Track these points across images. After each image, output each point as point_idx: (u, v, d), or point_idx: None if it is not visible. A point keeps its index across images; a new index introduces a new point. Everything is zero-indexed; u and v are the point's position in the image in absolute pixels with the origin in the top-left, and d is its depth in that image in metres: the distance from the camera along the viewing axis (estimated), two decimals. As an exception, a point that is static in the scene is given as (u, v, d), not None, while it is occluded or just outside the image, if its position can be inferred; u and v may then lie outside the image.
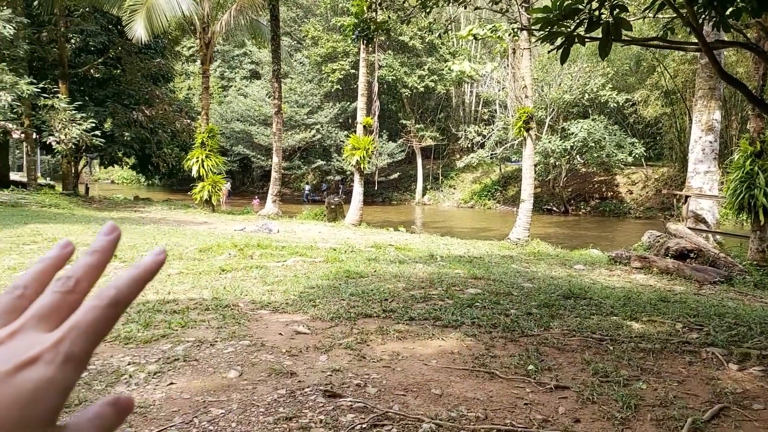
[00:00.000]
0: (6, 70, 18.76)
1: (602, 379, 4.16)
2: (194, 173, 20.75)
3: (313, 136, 39.18)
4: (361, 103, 17.68)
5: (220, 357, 4.36)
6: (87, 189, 30.90)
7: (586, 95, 32.57)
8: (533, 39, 15.14)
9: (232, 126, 40.05)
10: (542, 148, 30.27)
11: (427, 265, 8.99)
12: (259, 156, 40.92)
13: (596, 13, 4.42)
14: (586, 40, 4.65)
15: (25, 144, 23.92)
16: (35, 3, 21.93)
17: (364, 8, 6.72)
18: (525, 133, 16.21)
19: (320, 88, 40.66)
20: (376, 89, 22.39)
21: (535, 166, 18.75)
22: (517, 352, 4.72)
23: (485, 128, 37.85)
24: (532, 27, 4.81)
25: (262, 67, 43.97)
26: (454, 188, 41.91)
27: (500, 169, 39.52)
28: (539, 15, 4.57)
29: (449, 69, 36.16)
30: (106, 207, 21.37)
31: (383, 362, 4.41)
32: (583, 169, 33.86)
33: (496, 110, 40.57)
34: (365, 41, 6.20)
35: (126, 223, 13.93)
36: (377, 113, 21.83)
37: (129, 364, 4.13)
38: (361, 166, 17.63)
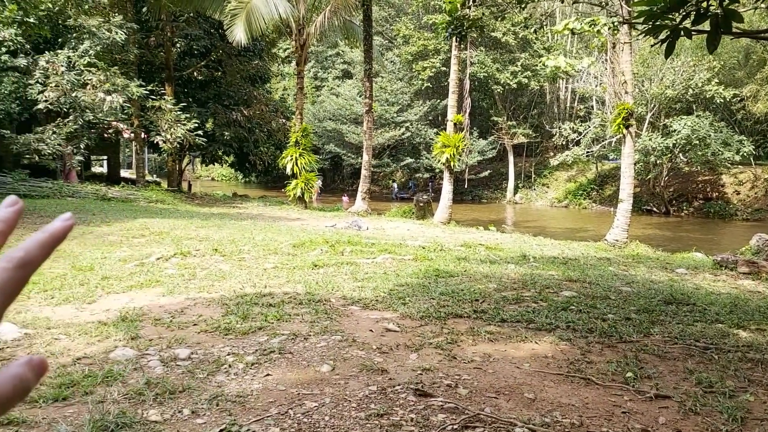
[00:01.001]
0: (118, 74, 20.08)
1: (706, 390, 3.92)
2: (288, 171, 21.39)
3: (403, 134, 39.38)
4: (451, 100, 17.57)
5: (314, 351, 4.46)
6: (190, 186, 32.61)
7: (690, 90, 30.77)
8: (635, 33, 14.49)
9: (324, 125, 40.96)
10: (642, 146, 28.90)
11: (519, 266, 8.81)
12: (349, 154, 41.60)
13: (704, 4, 4.15)
14: (693, 33, 4.38)
15: (134, 143, 25.53)
16: (144, 9, 23.32)
17: (458, 5, 6.66)
18: (624, 130, 15.54)
19: (410, 86, 40.79)
20: (467, 86, 22.22)
21: (635, 164, 17.92)
22: (614, 359, 4.53)
23: (581, 125, 36.62)
24: (634, 20, 4.59)
25: (353, 67, 44.65)
26: (548, 187, 40.87)
27: (597, 168, 38.14)
28: (642, 8, 4.35)
29: (543, 65, 35.14)
30: (207, 203, 22.43)
31: (474, 363, 4.36)
32: (686, 168, 32.03)
33: (592, 106, 39.12)
34: (458, 38, 6.15)
35: (225, 218, 14.55)
36: (468, 110, 21.62)
37: (228, 355, 4.30)
38: (451, 164, 17.53)
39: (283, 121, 29.05)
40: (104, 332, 4.68)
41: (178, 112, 22.28)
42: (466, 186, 38.77)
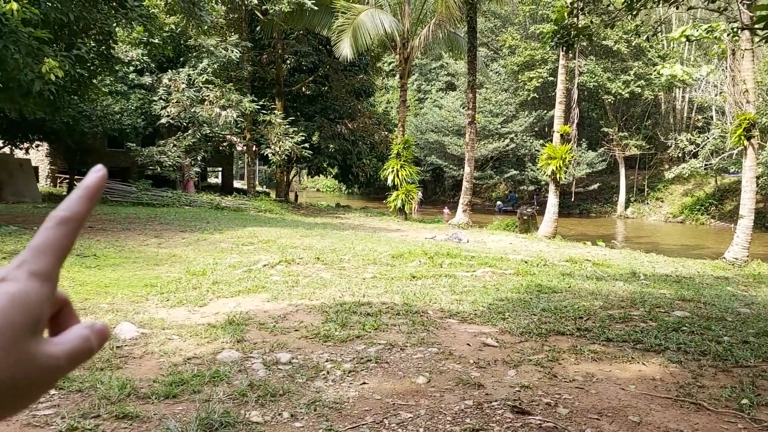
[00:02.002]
0: (233, 90, 21.27)
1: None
2: (389, 182, 21.67)
3: (507, 145, 38.82)
4: (558, 111, 17.12)
5: (410, 362, 4.46)
6: (296, 196, 33.82)
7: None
8: (756, 39, 13.45)
9: (426, 137, 41.16)
10: (766, 159, 26.77)
11: (628, 284, 8.39)
12: (451, 166, 41.52)
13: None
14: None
15: (246, 155, 26.88)
16: (258, 28, 24.55)
17: (565, 14, 6.47)
18: (746, 142, 14.47)
19: (516, 97, 40.18)
20: (575, 96, 21.57)
21: (757, 178, 16.62)
22: (728, 384, 4.20)
23: (699, 136, 34.55)
24: (755, 26, 4.27)
25: (457, 79, 44.60)
26: (662, 201, 38.78)
27: (716, 181, 35.74)
28: (763, 12, 4.04)
29: (658, 73, 33.48)
30: (312, 213, 23.16)
31: (576, 383, 4.19)
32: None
33: (711, 117, 36.76)
34: (565, 48, 5.99)
35: (328, 228, 14.94)
36: (576, 121, 20.98)
37: (327, 361, 4.39)
38: (557, 176, 17.04)
39: (386, 133, 29.52)
40: (213, 334, 4.93)
41: (287, 126, 23.26)
42: (573, 199, 37.56)
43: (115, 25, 11.93)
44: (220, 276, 7.30)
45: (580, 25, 6.91)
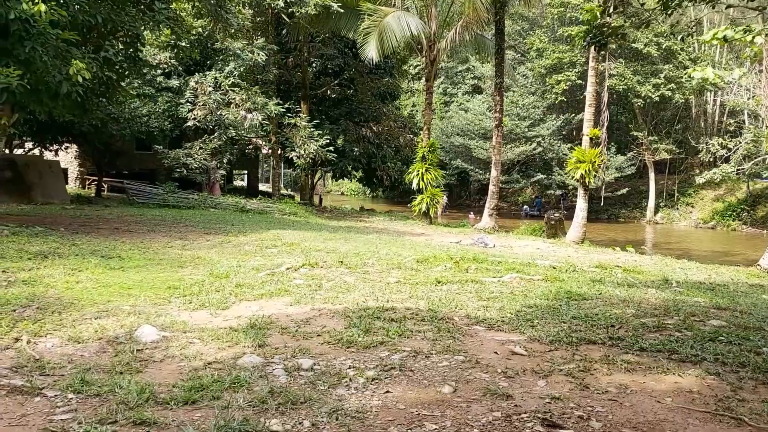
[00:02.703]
0: (258, 93, 21.35)
1: None
2: (414, 186, 21.53)
3: (534, 149, 38.43)
4: (588, 114, 16.80)
5: (435, 370, 4.32)
6: (320, 199, 33.87)
7: None
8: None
9: (452, 140, 40.94)
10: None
11: (660, 291, 8.13)
12: (477, 169, 41.21)
13: None
14: None
15: (271, 158, 26.95)
16: (284, 31, 24.64)
17: (597, 13, 6.27)
18: (782, 146, 14.06)
19: (543, 100, 39.77)
20: (605, 99, 21.19)
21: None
22: (772, 398, 3.98)
23: (731, 140, 33.78)
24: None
25: (483, 82, 44.35)
26: (692, 206, 38.05)
27: (748, 187, 34.93)
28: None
29: (689, 76, 32.81)
30: (336, 216, 23.13)
31: (609, 395, 4.00)
32: None
33: (744, 121, 35.94)
34: (597, 48, 5.79)
35: (352, 231, 14.86)
36: (605, 124, 20.60)
37: (349, 368, 4.27)
38: (586, 180, 16.71)
39: (411, 136, 29.41)
40: (234, 338, 4.84)
41: (312, 129, 23.28)
42: (601, 204, 37.02)
43: (142, 27, 12.01)
44: (243, 279, 7.24)
45: (613, 25, 6.72)
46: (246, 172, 40.08)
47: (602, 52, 16.04)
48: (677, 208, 38.36)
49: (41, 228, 10.30)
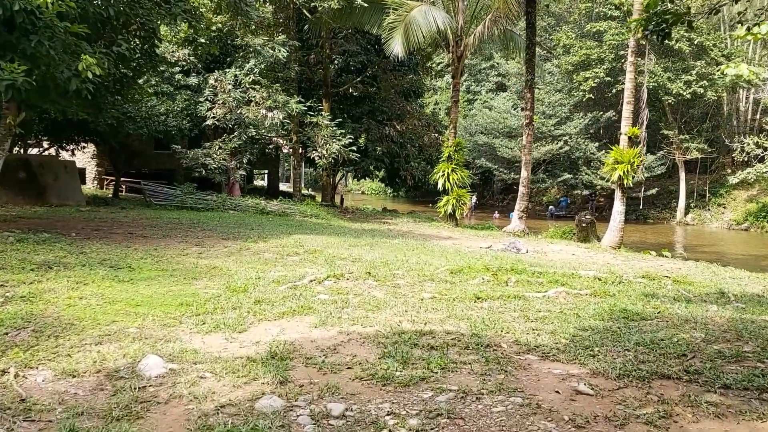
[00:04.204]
0: (279, 91, 20.70)
1: None
2: (440, 187, 20.77)
3: (561, 147, 37.41)
4: (626, 111, 15.88)
5: (489, 418, 3.61)
6: (342, 200, 33.24)
7: None
8: None
9: (476, 138, 40.11)
10: None
11: (721, 308, 7.32)
12: (501, 169, 40.34)
13: None
14: None
15: (291, 158, 26.33)
16: (306, 27, 23.98)
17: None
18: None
19: (570, 98, 38.73)
20: (644, 97, 20.23)
21: None
22: None
23: (766, 139, 32.53)
24: None
25: (508, 79, 43.41)
26: (724, 207, 36.81)
27: (785, 187, 33.67)
28: None
29: (722, 73, 31.65)
30: (358, 218, 22.45)
31: (707, 456, 3.26)
32: None
33: (780, 118, 34.65)
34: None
35: (377, 236, 14.16)
36: (645, 123, 19.62)
37: (388, 415, 3.59)
38: (624, 181, 15.81)
39: (436, 135, 28.60)
40: (252, 372, 4.19)
41: (334, 128, 22.54)
42: (641, 206, 35.99)
43: (159, 22, 11.41)
44: (262, 293, 6.59)
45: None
46: (267, 171, 39.61)
47: (641, 46, 15.21)
48: (708, 209, 37.16)
49: (49, 234, 9.74)
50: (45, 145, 20.81)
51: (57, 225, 11.61)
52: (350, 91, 27.73)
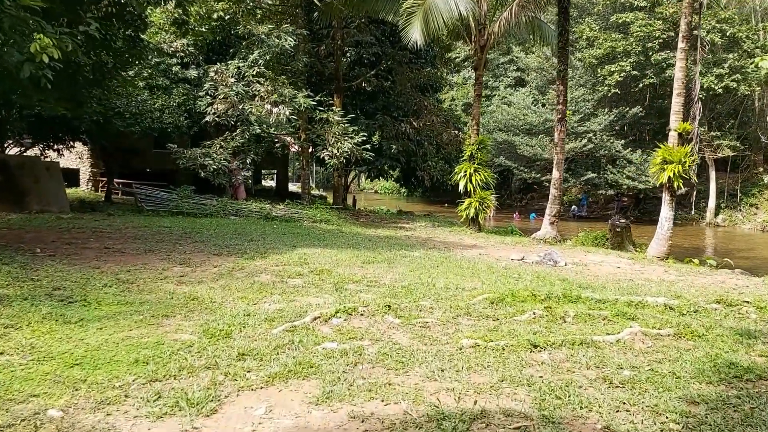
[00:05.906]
0: (286, 84, 18.97)
1: None
2: (461, 188, 19.05)
3: (584, 145, 35.49)
4: (675, 105, 14.05)
5: None
6: (354, 201, 31.53)
7: None
8: None
9: (494, 136, 38.31)
10: None
11: None
12: (521, 167, 38.57)
13: None
14: None
15: (300, 157, 24.66)
16: (315, 15, 22.26)
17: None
18: None
19: (594, 93, 36.79)
20: (697, 87, 18.37)
21: None
22: None
23: (804, 136, 30.53)
24: None
25: (528, 74, 41.53)
26: (757, 207, 34.85)
27: (822, 186, 31.66)
28: None
29: (756, 66, 29.72)
30: (372, 222, 20.78)
31: None
32: None
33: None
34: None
35: (395, 247, 12.50)
36: (698, 117, 17.78)
37: None
38: (674, 184, 14.01)
39: (455, 132, 26.79)
40: None
41: (346, 125, 20.74)
42: (656, 205, 33.95)
43: (143, 2, 9.83)
44: (249, 341, 4.99)
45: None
46: (275, 171, 38.00)
47: (695, 32, 13.47)
48: (740, 210, 35.17)
49: (3, 253, 8.15)
50: (34, 145, 19.00)
51: (25, 237, 10.07)
52: (363, 85, 25.94)
